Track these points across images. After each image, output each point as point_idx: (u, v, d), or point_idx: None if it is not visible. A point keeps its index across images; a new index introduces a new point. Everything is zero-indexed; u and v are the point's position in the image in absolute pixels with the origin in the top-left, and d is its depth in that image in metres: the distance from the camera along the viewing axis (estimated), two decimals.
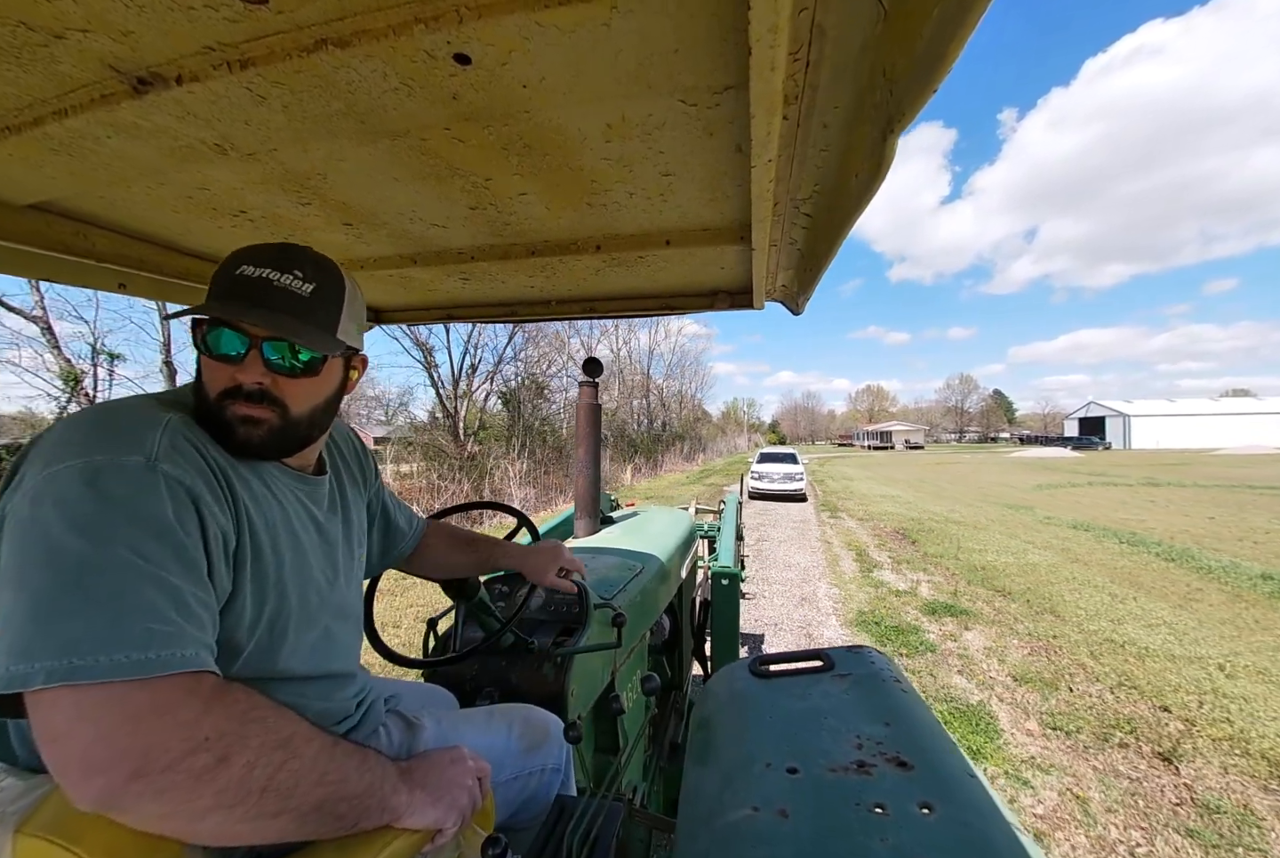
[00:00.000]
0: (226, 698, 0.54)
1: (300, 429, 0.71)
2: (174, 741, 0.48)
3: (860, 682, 0.84)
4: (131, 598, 0.50)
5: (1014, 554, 7.09)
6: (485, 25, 0.55)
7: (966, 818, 0.56)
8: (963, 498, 14.02)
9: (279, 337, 0.65)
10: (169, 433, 0.60)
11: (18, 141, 0.77)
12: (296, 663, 0.70)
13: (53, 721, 0.47)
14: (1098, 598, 5.21)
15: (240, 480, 0.66)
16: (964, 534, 8.42)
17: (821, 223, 1.08)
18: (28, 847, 0.47)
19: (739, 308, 1.63)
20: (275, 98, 0.69)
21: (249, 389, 0.65)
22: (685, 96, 0.70)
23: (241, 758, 0.51)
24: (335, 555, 0.80)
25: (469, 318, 1.88)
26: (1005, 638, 4.22)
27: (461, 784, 0.71)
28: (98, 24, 0.56)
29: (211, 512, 0.59)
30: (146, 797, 0.46)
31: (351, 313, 0.74)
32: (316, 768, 0.56)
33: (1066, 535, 8.45)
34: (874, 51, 0.60)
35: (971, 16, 0.46)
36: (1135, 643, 4.07)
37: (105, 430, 0.57)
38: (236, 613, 0.62)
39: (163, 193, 1.00)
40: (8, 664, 0.47)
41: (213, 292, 0.67)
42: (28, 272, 1.14)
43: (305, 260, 0.69)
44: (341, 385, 0.77)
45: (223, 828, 0.50)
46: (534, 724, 1.00)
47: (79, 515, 0.51)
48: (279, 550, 0.68)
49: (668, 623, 2.10)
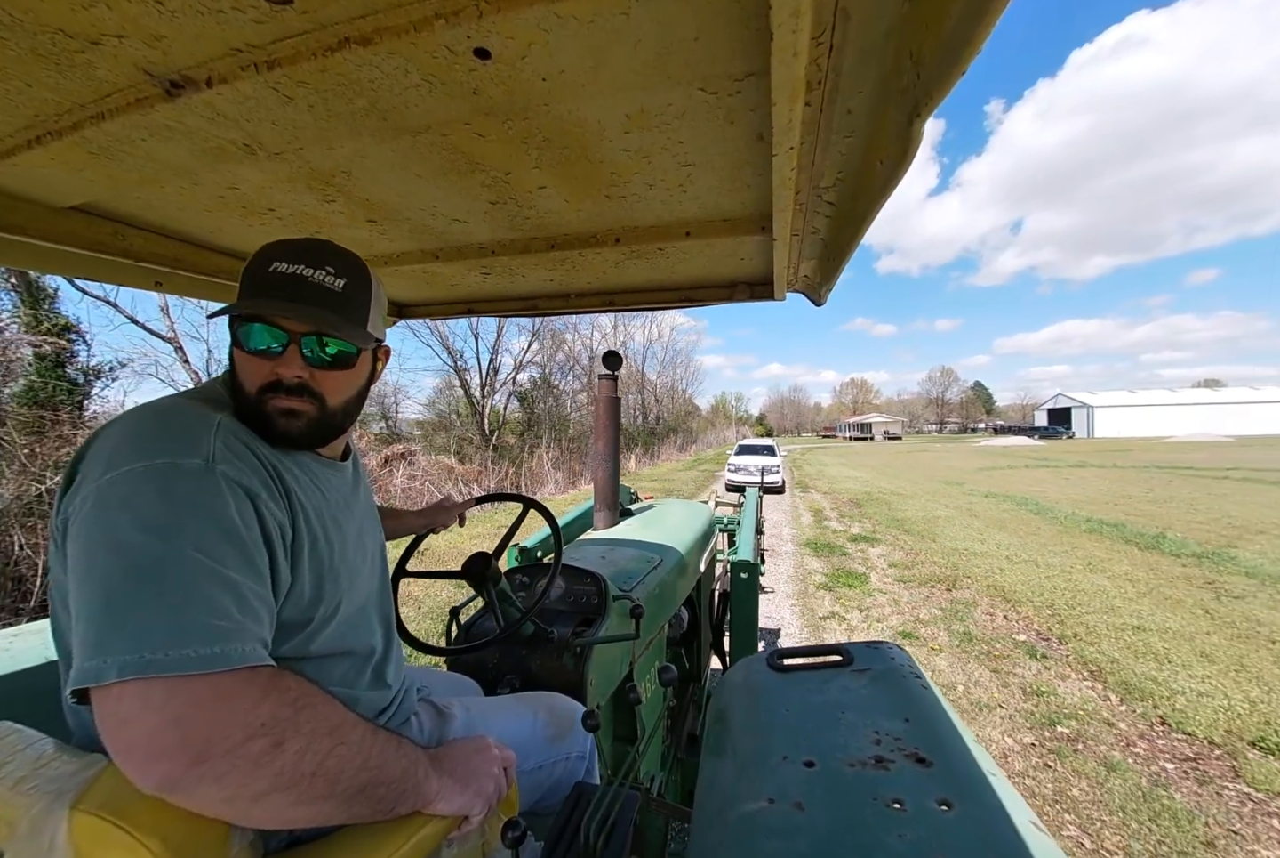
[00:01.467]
0: (281, 685, 0.55)
1: (336, 419, 0.74)
2: (234, 727, 0.50)
3: (879, 677, 0.84)
4: (197, 594, 0.52)
5: (927, 511, 9.86)
6: (504, 18, 0.55)
7: (986, 816, 0.56)
8: (913, 478, 16.78)
9: (320, 331, 0.67)
10: (222, 434, 0.62)
11: (59, 146, 0.80)
12: (351, 638, 0.74)
13: (118, 710, 0.49)
14: (965, 532, 7.85)
15: (290, 474, 0.68)
16: (899, 501, 11.33)
17: (845, 211, 1.05)
18: (83, 823, 0.49)
19: (759, 299, 1.61)
20: (301, 97, 0.70)
21: (289, 383, 0.67)
22: (705, 85, 0.69)
23: (295, 744, 0.53)
24: (365, 535, 0.84)
25: (490, 312, 1.90)
26: (893, 551, 6.91)
27: (488, 773, 0.73)
28: (132, 29, 0.58)
29: (269, 508, 0.62)
30: (208, 781, 0.48)
31: (378, 306, 0.77)
32: (361, 754, 0.58)
33: (975, 500, 11.26)
34: (900, 34, 0.58)
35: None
36: (970, 551, 6.68)
37: (162, 434, 0.59)
38: (295, 598, 0.65)
39: (195, 193, 1.02)
40: (83, 660, 0.49)
41: (247, 289, 0.68)
42: (69, 271, 1.19)
43: (334, 256, 0.70)
44: (370, 376, 0.80)
45: (276, 812, 0.52)
46: (559, 713, 1.02)
47: (146, 516, 0.53)
48: (329, 538, 0.72)
49: (686, 616, 2.10)
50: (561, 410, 19.76)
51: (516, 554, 2.09)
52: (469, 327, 17.26)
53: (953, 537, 7.50)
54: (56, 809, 0.50)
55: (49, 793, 0.51)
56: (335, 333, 0.67)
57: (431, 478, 11.33)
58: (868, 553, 6.79)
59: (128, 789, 0.49)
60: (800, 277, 1.52)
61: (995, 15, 0.46)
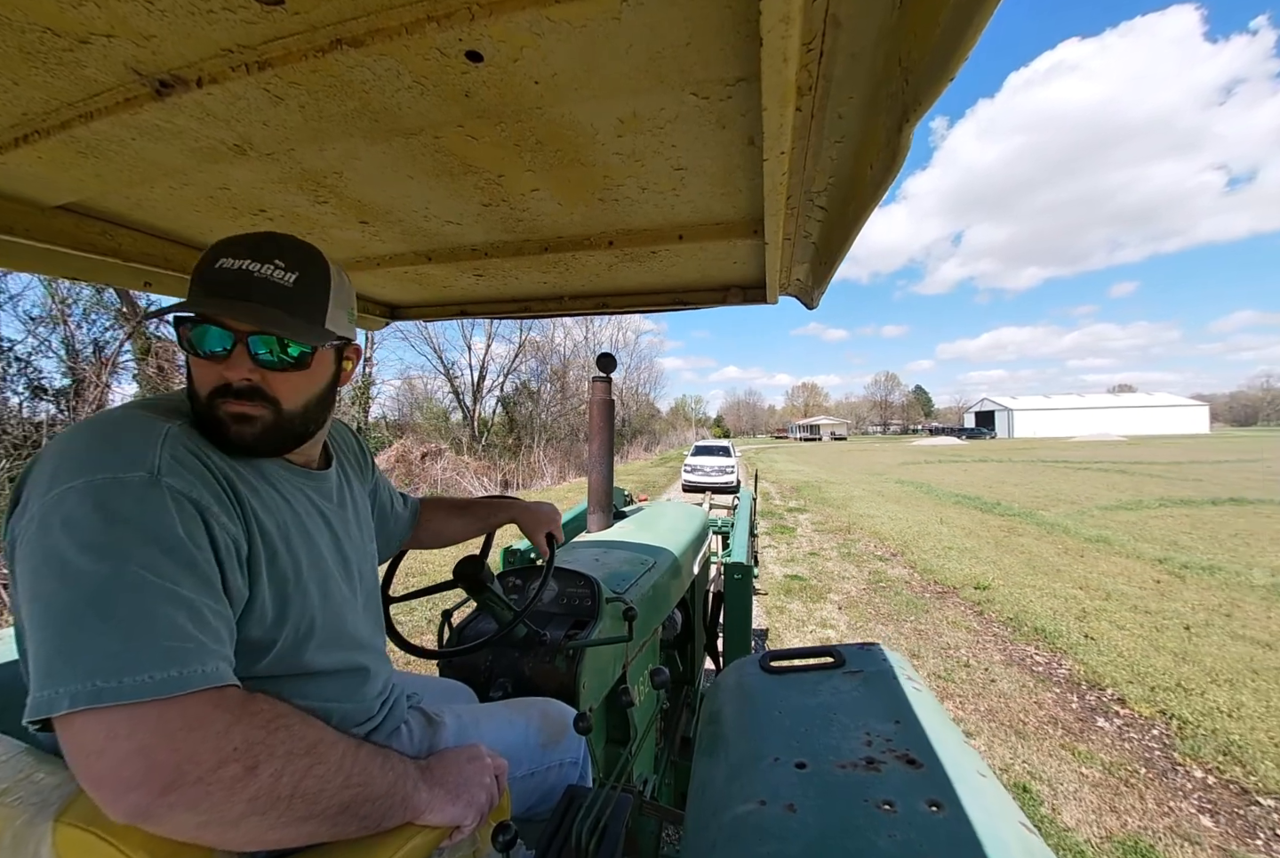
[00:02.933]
0: (252, 708, 0.54)
1: (295, 425, 0.70)
2: (204, 753, 0.49)
3: (871, 679, 0.84)
4: (149, 617, 0.50)
5: (847, 493, 13.50)
6: (497, 22, 0.55)
7: (975, 817, 0.56)
8: (845, 471, 20.96)
9: (265, 330, 0.63)
10: (169, 444, 0.58)
11: (46, 145, 0.79)
12: (324, 658, 0.70)
13: (82, 741, 0.47)
14: (869, 505, 11.18)
15: (245, 484, 0.64)
16: (828, 487, 14.89)
17: (836, 215, 1.06)
18: (67, 836, 0.48)
19: (752, 303, 1.61)
20: (292, 98, 0.70)
21: (238, 386, 0.63)
22: (697, 89, 0.69)
23: (270, 767, 0.51)
24: (347, 549, 0.80)
25: (482, 314, 1.90)
26: (815, 516, 10.14)
27: (479, 782, 0.72)
28: (121, 28, 0.58)
29: (220, 521, 0.58)
30: (180, 808, 0.47)
31: (339, 300, 0.71)
32: (341, 772, 0.57)
33: (886, 485, 15.02)
34: (890, 40, 0.59)
35: (990, 2, 0.45)
36: (867, 514, 9.95)
37: (104, 447, 0.56)
38: (258, 616, 0.62)
39: (185, 193, 1.02)
40: (35, 690, 0.48)
41: (193, 287, 0.65)
42: (58, 271, 1.17)
43: (286, 249, 0.66)
44: (335, 377, 0.75)
45: (255, 835, 0.51)
46: (552, 718, 1.01)
47: (89, 537, 0.50)
48: (294, 550, 0.68)
49: (680, 618, 2.10)
50: (539, 415, 21.76)
51: (508, 557, 2.08)
52: (464, 338, 19.16)
53: (859, 507, 10.82)
54: (40, 822, 0.49)
55: (33, 805, 0.50)
56: (281, 331, 0.63)
57: (454, 470, 14.12)
58: (798, 518, 10.03)
59: None
60: (793, 280, 1.53)
61: (982, 23, 0.46)
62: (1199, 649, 3.88)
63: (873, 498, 12.26)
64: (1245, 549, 6.86)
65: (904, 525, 8.62)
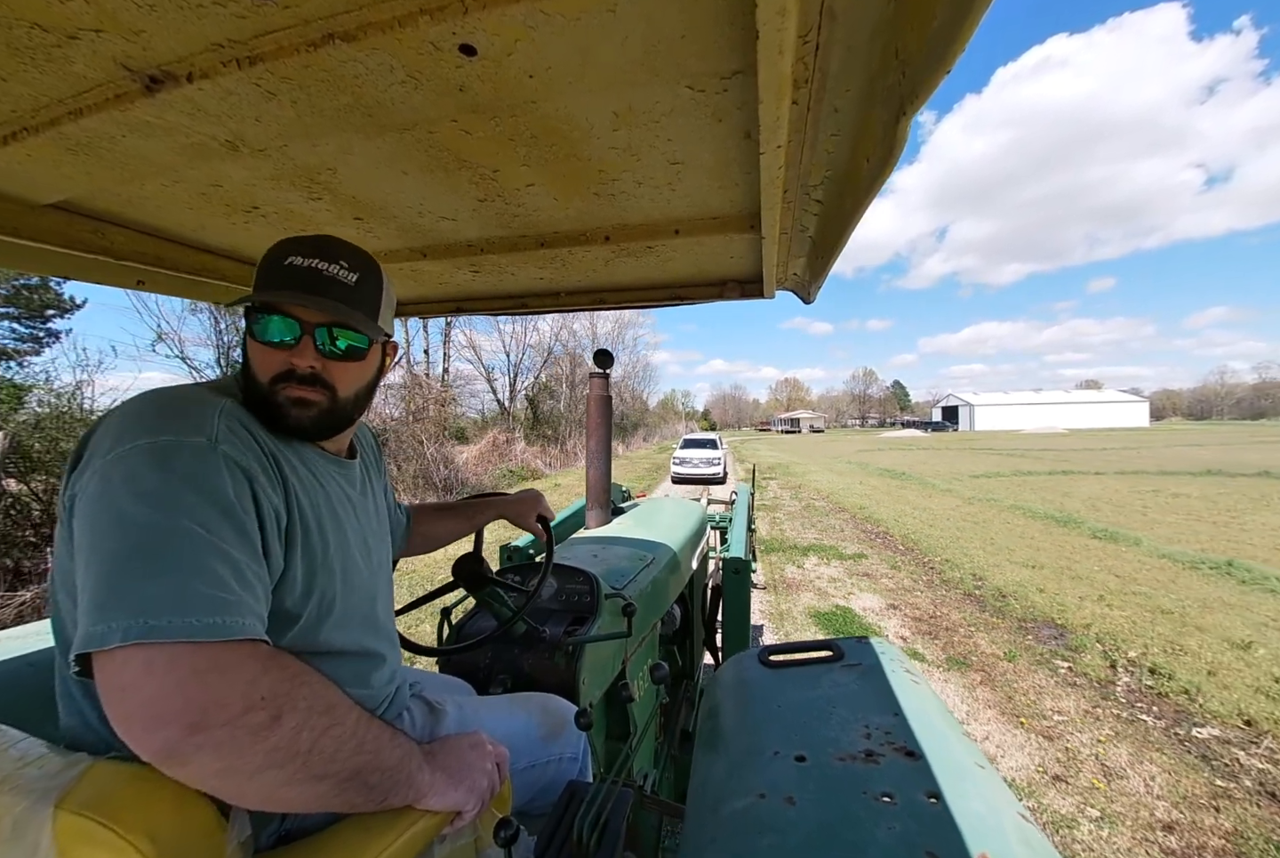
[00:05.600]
0: (280, 661, 0.57)
1: (346, 411, 0.76)
2: (233, 697, 0.51)
3: (869, 672, 0.84)
4: (199, 566, 0.53)
5: (805, 469, 18.05)
6: (490, 15, 0.55)
7: (974, 808, 0.57)
8: (814, 457, 25.44)
9: (335, 322, 0.69)
10: (225, 417, 0.63)
11: (36, 142, 0.78)
12: (341, 638, 0.73)
13: (121, 676, 0.49)
14: (821, 476, 15.66)
15: (287, 463, 0.69)
16: (795, 466, 19.65)
17: (833, 209, 1.06)
18: (67, 823, 0.48)
19: (749, 297, 1.61)
20: (284, 93, 0.69)
21: (302, 373, 0.69)
22: (693, 83, 0.69)
23: (292, 719, 0.53)
24: (369, 536, 0.83)
25: (479, 310, 1.89)
26: (783, 486, 13.80)
27: (481, 768, 0.73)
28: (110, 24, 0.57)
29: (265, 492, 0.62)
30: (205, 750, 0.49)
31: (388, 301, 0.79)
32: (356, 736, 0.59)
33: (844, 467, 19.07)
34: (886, 33, 0.59)
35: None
36: (817, 481, 14.46)
37: (167, 414, 0.61)
38: (288, 588, 0.65)
39: (177, 190, 1.01)
40: (87, 625, 0.50)
41: (263, 281, 0.70)
42: (49, 270, 1.17)
43: (347, 251, 0.72)
44: (380, 370, 0.81)
45: (269, 791, 0.53)
46: (553, 713, 1.02)
47: (148, 489, 0.54)
48: (324, 531, 0.71)
49: (679, 613, 2.11)
50: (559, 410, 25.53)
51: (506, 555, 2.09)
52: (503, 347, 24.32)
53: (813, 478, 15.10)
54: (40, 809, 0.49)
55: (33, 792, 0.50)
56: (349, 324, 0.69)
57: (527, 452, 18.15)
58: (770, 486, 13.74)
59: (113, 788, 0.49)
60: (790, 275, 1.53)
61: (979, 15, 0.46)
62: (941, 519, 8.65)
63: (823, 472, 17.15)
64: (1025, 494, 11.18)
65: (837, 486, 13.20)
